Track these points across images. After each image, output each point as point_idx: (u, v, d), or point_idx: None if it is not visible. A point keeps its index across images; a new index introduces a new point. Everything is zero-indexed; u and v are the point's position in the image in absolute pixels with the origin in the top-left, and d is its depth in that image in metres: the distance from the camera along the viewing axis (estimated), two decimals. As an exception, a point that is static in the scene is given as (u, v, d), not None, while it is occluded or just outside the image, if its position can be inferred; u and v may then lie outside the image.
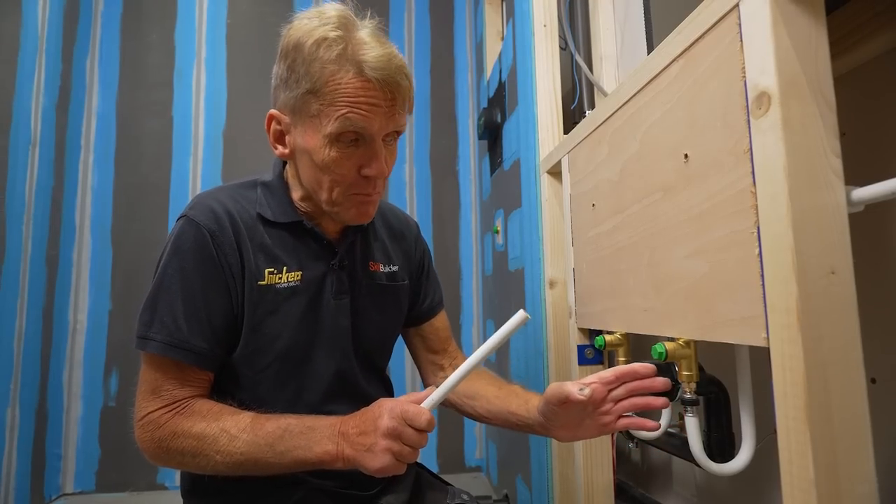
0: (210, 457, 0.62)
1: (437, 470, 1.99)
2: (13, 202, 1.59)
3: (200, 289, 0.67)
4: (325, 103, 0.65)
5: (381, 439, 0.58)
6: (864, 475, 0.42)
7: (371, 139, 0.67)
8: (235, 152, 2.02)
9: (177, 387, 0.66)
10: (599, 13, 1.23)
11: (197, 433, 0.63)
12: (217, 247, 0.68)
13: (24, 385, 1.61)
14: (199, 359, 0.67)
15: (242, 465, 0.62)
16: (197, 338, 0.66)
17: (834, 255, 0.43)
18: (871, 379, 0.64)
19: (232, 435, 0.62)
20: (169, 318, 0.66)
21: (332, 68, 0.64)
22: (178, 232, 0.69)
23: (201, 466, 0.64)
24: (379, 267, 0.83)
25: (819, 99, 0.45)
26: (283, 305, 0.72)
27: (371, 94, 0.65)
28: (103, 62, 1.99)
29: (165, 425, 0.64)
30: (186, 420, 0.64)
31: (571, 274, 0.98)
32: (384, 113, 0.66)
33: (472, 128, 2.21)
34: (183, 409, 0.65)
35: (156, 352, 0.65)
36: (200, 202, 0.71)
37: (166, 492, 1.82)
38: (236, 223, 0.71)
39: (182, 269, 0.67)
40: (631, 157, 0.73)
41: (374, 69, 0.64)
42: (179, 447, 0.63)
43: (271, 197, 0.75)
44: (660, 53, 0.63)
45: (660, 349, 0.66)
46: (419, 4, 2.24)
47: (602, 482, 0.96)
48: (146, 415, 0.65)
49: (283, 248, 0.73)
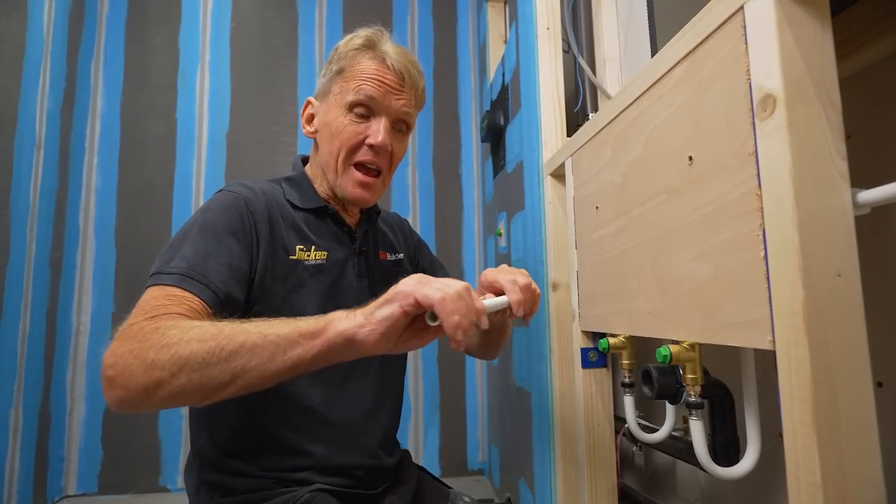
0: (186, 344, 0.51)
1: (439, 473, 1.99)
2: (17, 204, 1.60)
3: (224, 237, 0.68)
4: (347, 80, 0.78)
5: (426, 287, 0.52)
6: (872, 479, 0.41)
7: (379, 114, 0.78)
8: (239, 155, 2.03)
9: (172, 305, 0.58)
10: (603, 16, 1.23)
11: (173, 324, 0.54)
12: (250, 212, 0.72)
13: (28, 386, 1.61)
14: (212, 296, 0.62)
15: (220, 351, 0.51)
16: (214, 277, 0.63)
17: (840, 258, 0.43)
18: (877, 383, 0.63)
19: (213, 323, 0.54)
20: (191, 254, 0.64)
21: (357, 54, 0.78)
22: (210, 200, 0.72)
23: (175, 364, 0.51)
24: (387, 256, 0.90)
25: (825, 101, 0.44)
26: (309, 281, 0.76)
27: (385, 75, 0.77)
28: (108, 65, 2.00)
29: (143, 325, 0.55)
30: (167, 320, 0.56)
31: (575, 276, 0.98)
32: (394, 94, 0.78)
33: (475, 130, 2.22)
34: (165, 321, 0.55)
35: (169, 283, 0.60)
36: (235, 182, 0.76)
37: (168, 494, 1.82)
38: (270, 202, 0.76)
39: (210, 222, 0.68)
40: (635, 160, 0.72)
41: (390, 56, 0.78)
42: (152, 342, 0.52)
43: (297, 188, 0.82)
44: (664, 56, 0.63)
45: (664, 352, 0.66)
46: (422, 7, 2.24)
47: (606, 486, 0.95)
48: (127, 324, 0.56)
49: (312, 230, 0.79)
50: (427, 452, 2.01)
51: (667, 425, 0.84)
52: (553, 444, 1.11)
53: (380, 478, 0.79)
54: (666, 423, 0.84)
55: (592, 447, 0.96)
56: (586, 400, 0.97)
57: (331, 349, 0.53)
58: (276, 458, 0.72)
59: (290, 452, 0.72)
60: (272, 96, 2.07)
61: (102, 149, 1.96)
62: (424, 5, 2.24)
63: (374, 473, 0.78)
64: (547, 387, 1.14)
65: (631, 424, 0.92)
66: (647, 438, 0.89)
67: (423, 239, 1.05)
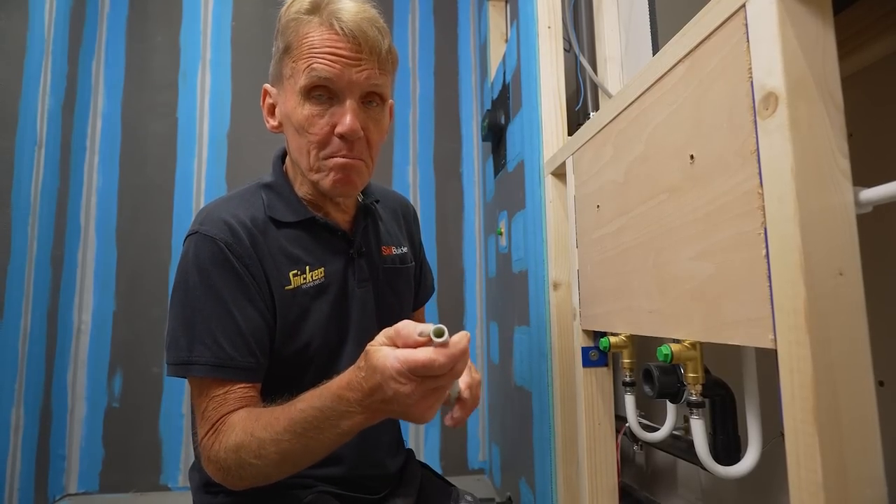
0: (253, 465, 0.58)
1: (440, 472, 1.99)
2: (19, 203, 1.60)
3: (232, 303, 0.65)
4: (296, 59, 0.65)
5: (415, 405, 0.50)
6: (873, 478, 0.41)
7: (342, 95, 0.65)
8: (240, 154, 2.03)
9: (218, 405, 0.63)
10: (604, 14, 1.23)
11: (234, 446, 0.59)
12: (237, 258, 0.66)
13: (29, 385, 1.61)
14: (246, 374, 0.64)
15: (281, 463, 0.58)
16: (242, 353, 0.64)
17: (842, 257, 0.43)
18: (879, 381, 0.63)
19: (259, 438, 0.57)
20: (209, 339, 0.63)
21: (302, 22, 0.65)
22: (194, 249, 0.66)
23: (254, 476, 0.59)
24: (391, 250, 0.83)
25: (827, 99, 0.44)
26: (312, 305, 0.71)
27: (338, 45, 0.63)
28: (109, 64, 2.00)
29: (212, 448, 0.61)
30: (224, 437, 0.60)
31: (576, 275, 0.98)
32: (352, 66, 0.64)
33: (475, 130, 2.21)
34: (221, 427, 0.62)
35: (202, 375, 0.63)
36: (209, 216, 0.68)
37: (169, 493, 1.82)
38: (250, 231, 0.68)
39: (210, 286, 0.64)
40: (636, 159, 0.72)
41: (340, 20, 0.63)
42: (228, 464, 0.60)
43: (277, 198, 0.73)
44: (665, 54, 0.63)
45: (665, 351, 0.66)
46: (423, 7, 2.24)
47: (606, 485, 0.95)
48: (201, 443, 0.63)
49: (302, 248, 0.72)
50: (428, 451, 2.01)
51: (668, 424, 0.84)
52: (554, 443, 1.11)
53: (385, 483, 0.79)
54: (667, 422, 0.84)
55: (593, 446, 0.96)
56: (587, 399, 0.97)
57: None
58: None
59: None
60: (273, 95, 2.07)
61: (103, 147, 1.97)
62: (425, 4, 2.24)
63: (380, 480, 0.78)
64: (548, 386, 1.14)
65: (632, 423, 0.92)
66: (647, 437, 0.89)
67: (425, 238, 1.02)
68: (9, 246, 1.56)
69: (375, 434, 0.78)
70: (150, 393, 1.87)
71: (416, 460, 0.88)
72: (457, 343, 0.48)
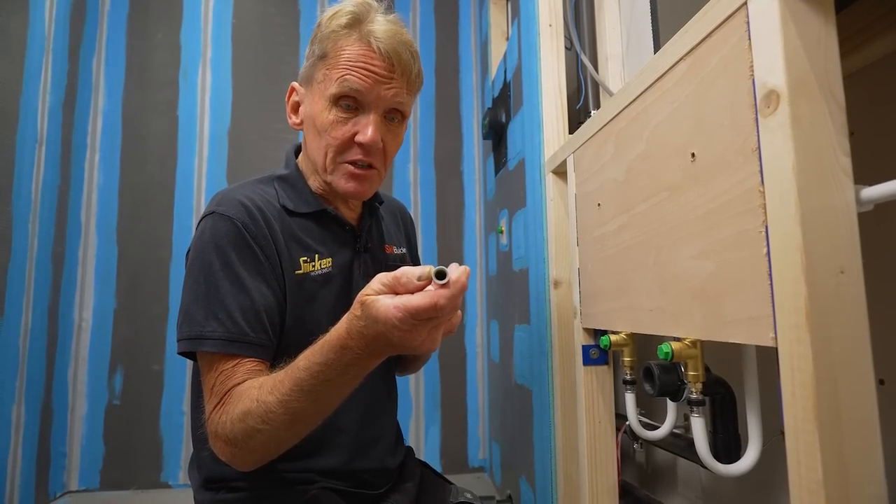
0: (261, 431, 0.58)
1: (440, 470, 1.99)
2: (19, 200, 1.60)
3: (249, 280, 0.66)
4: (330, 67, 0.70)
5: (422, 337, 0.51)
6: (873, 476, 0.41)
7: (368, 108, 0.70)
8: (240, 152, 2.03)
9: (226, 378, 0.63)
10: (605, 13, 1.23)
11: (240, 414, 0.59)
12: (253, 238, 0.68)
13: (30, 382, 1.62)
14: (257, 351, 0.65)
15: (292, 424, 0.57)
16: (255, 330, 0.65)
17: (843, 255, 0.43)
18: (879, 380, 0.63)
19: (265, 402, 0.57)
20: (223, 314, 0.64)
21: (341, 35, 0.69)
22: (211, 228, 0.67)
23: (263, 444, 0.59)
24: (393, 249, 0.87)
25: (828, 97, 0.44)
26: (319, 293, 0.73)
27: (372, 62, 0.69)
28: (109, 61, 2.00)
29: (219, 420, 0.61)
30: (231, 407, 0.60)
31: (576, 274, 0.98)
32: (383, 83, 0.69)
33: (476, 128, 2.21)
34: (228, 399, 0.62)
35: (214, 350, 0.63)
36: (225, 197, 0.70)
37: (170, 490, 1.83)
38: (265, 214, 0.70)
39: (227, 263, 0.66)
40: (637, 157, 0.72)
41: (377, 39, 0.69)
42: (235, 435, 0.59)
43: (291, 189, 0.76)
44: (666, 52, 0.62)
45: (666, 349, 0.66)
46: (424, 4, 2.24)
47: (606, 483, 0.95)
48: (209, 418, 0.63)
49: (312, 237, 0.75)
50: (428, 449, 2.01)
51: (668, 422, 0.84)
52: (554, 442, 1.12)
53: (385, 479, 0.80)
54: (667, 421, 0.84)
55: (593, 444, 0.96)
56: (587, 397, 0.97)
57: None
58: (283, 462, 0.70)
59: (298, 457, 0.71)
60: (274, 93, 2.07)
61: (104, 145, 1.97)
62: (426, 2, 2.24)
63: (380, 476, 0.79)
64: (548, 384, 1.15)
65: (632, 421, 0.92)
66: (648, 436, 0.89)
67: (425, 237, 1.04)
68: (9, 243, 1.56)
69: (375, 432, 0.78)
70: (151, 390, 1.87)
71: (415, 458, 0.89)
72: (456, 282, 0.49)
